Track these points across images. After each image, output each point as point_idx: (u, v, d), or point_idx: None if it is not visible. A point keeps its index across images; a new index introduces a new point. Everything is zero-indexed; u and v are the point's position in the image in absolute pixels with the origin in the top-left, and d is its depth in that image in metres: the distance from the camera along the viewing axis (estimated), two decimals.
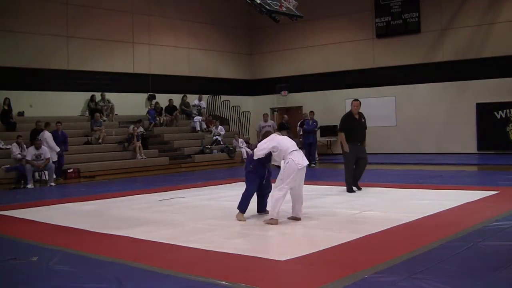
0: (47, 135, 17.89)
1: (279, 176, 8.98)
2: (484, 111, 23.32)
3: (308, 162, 9.31)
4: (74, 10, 22.75)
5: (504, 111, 22.88)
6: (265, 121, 20.95)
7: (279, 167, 9.33)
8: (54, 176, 17.39)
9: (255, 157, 9.40)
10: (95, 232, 8.74)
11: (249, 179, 9.55)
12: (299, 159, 8.90)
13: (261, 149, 9.24)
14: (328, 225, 8.66)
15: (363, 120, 12.96)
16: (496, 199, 10.98)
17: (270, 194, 9.36)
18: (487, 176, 16.30)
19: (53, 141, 17.95)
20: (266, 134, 9.85)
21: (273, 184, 9.28)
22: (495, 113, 23.01)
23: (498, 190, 12.10)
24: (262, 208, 9.81)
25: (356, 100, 13.07)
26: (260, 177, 9.52)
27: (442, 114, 24.40)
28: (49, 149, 17.47)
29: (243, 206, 9.40)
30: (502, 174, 15.90)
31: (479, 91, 23.50)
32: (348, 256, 6.75)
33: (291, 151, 8.97)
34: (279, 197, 8.78)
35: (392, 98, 25.86)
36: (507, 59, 22.98)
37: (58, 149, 18.10)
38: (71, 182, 18.05)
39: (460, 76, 24.09)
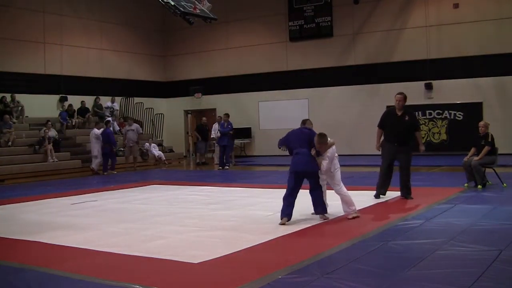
0: None
1: (337, 174, 9.32)
2: None
3: None
4: None
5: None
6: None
7: None
8: None
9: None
10: (4, 238, 8.54)
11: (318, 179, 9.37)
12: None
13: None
14: (242, 227, 8.74)
15: (406, 118, 11.40)
16: (406, 199, 11.43)
17: (339, 193, 9.34)
18: (397, 177, 16.66)
19: None
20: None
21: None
22: None
23: None
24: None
25: (399, 93, 11.60)
26: None
27: (354, 117, 24.93)
28: None
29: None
30: (412, 175, 16.32)
31: (389, 94, 23.76)
32: (261, 257, 6.85)
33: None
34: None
35: (305, 100, 26.27)
36: (416, 63, 23.82)
37: None
38: None
39: (370, 80, 24.76)
